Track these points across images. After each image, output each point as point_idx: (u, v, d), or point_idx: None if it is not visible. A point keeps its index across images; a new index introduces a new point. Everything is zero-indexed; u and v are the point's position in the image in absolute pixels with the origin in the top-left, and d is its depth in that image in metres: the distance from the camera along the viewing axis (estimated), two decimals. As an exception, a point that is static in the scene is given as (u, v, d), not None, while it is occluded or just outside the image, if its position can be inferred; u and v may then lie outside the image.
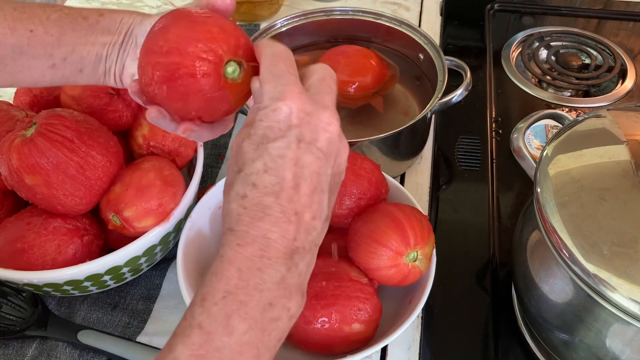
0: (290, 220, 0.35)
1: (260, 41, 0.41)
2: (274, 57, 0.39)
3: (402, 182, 0.75)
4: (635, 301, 0.41)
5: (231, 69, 0.40)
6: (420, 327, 0.61)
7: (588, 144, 0.51)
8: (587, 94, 0.88)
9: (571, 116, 0.61)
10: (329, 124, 0.37)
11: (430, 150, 0.79)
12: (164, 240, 0.60)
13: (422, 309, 0.55)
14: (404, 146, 0.73)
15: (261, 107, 0.37)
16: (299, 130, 0.36)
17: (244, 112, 0.68)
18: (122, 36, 0.46)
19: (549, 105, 0.85)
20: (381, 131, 0.66)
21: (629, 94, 0.86)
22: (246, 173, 0.35)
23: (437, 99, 0.68)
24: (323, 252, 0.60)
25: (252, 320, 0.33)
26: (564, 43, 0.95)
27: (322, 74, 0.40)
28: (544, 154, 0.51)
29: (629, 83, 0.88)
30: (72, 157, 0.54)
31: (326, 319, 0.52)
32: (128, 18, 0.47)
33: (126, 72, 0.47)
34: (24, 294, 0.62)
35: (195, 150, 0.65)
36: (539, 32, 0.97)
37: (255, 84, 0.38)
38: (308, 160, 0.36)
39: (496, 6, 1.03)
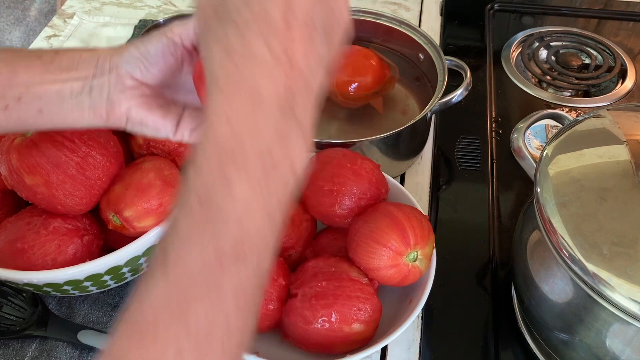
0: (281, 63, 0.31)
1: None
2: None
3: (402, 182, 0.75)
4: (635, 301, 0.41)
5: None
6: (420, 327, 0.61)
7: (588, 144, 0.51)
8: (587, 94, 0.88)
9: (571, 116, 0.61)
10: None
11: (430, 150, 0.79)
12: (164, 240, 0.60)
13: (422, 309, 0.55)
14: (404, 146, 0.73)
15: None
16: None
17: None
18: (92, 70, 0.43)
19: (549, 105, 0.85)
20: (381, 131, 0.66)
21: (629, 94, 0.86)
22: (228, 11, 0.32)
23: (437, 99, 0.68)
24: (323, 252, 0.61)
25: (253, 173, 0.30)
26: (564, 43, 0.95)
27: None
28: (544, 154, 0.51)
29: (629, 83, 0.88)
30: (72, 157, 0.54)
31: (326, 319, 0.52)
32: (91, 54, 0.44)
33: (117, 108, 0.44)
34: (24, 294, 0.62)
35: (195, 150, 0.65)
36: (539, 32, 0.97)
37: None
38: None
39: (496, 6, 1.03)
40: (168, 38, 0.43)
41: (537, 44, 0.95)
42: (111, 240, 0.61)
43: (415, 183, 0.75)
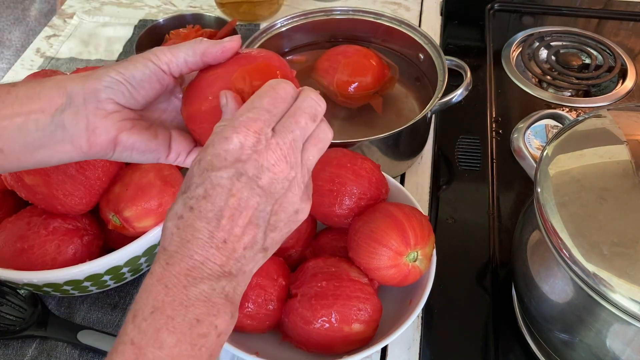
0: (217, 247, 0.36)
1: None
2: (269, 90, 0.39)
3: (402, 182, 0.75)
4: (635, 301, 0.41)
5: None
6: (420, 327, 0.61)
7: (588, 144, 0.51)
8: (587, 94, 0.88)
9: (571, 116, 0.61)
10: (274, 165, 0.37)
11: (430, 150, 0.79)
12: (164, 240, 0.60)
13: (422, 309, 0.55)
14: (404, 146, 0.73)
15: (218, 130, 0.37)
16: (242, 166, 0.36)
17: None
18: (61, 100, 0.40)
19: (549, 105, 0.85)
20: (381, 131, 0.66)
21: (629, 94, 0.86)
22: (188, 196, 0.37)
23: (437, 99, 0.68)
24: (323, 252, 0.61)
25: (181, 334, 0.34)
26: (564, 43, 0.95)
27: (296, 107, 0.39)
28: (544, 154, 0.51)
29: (629, 83, 0.88)
30: (72, 157, 0.54)
31: (326, 319, 0.52)
32: (56, 82, 0.41)
33: (104, 136, 0.41)
34: (23, 294, 0.62)
35: (195, 150, 0.65)
36: (539, 32, 0.97)
37: (222, 98, 0.40)
38: (246, 195, 0.36)
39: (496, 6, 1.03)
40: (155, 65, 0.42)
41: (537, 43, 0.95)
42: (111, 240, 0.61)
43: (415, 183, 0.75)
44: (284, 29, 0.80)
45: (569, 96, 0.87)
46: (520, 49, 0.95)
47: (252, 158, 0.36)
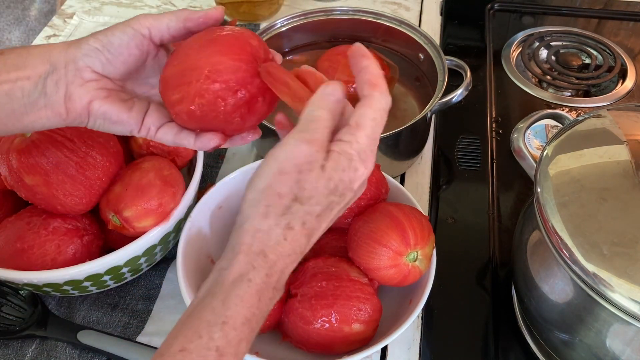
0: (296, 262, 0.38)
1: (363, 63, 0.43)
2: (381, 117, 0.41)
3: (402, 182, 0.75)
4: (635, 301, 0.41)
5: None
6: (420, 327, 0.61)
7: (588, 144, 0.51)
8: (587, 94, 0.88)
9: (571, 116, 0.61)
10: (360, 194, 0.41)
11: (430, 150, 0.79)
12: (164, 240, 0.60)
13: (422, 309, 0.55)
14: (404, 146, 0.73)
15: (348, 151, 0.38)
16: (353, 195, 0.39)
17: None
18: (44, 67, 0.41)
19: (549, 105, 0.85)
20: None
21: (629, 94, 0.86)
22: (306, 210, 0.37)
23: (437, 99, 0.68)
24: (323, 252, 0.61)
25: (250, 344, 0.36)
26: (564, 43, 0.95)
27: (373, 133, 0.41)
28: (544, 154, 0.51)
29: (629, 83, 0.88)
30: (72, 157, 0.54)
31: (326, 319, 0.52)
32: (42, 50, 0.42)
33: (78, 103, 0.42)
34: (23, 294, 0.62)
35: (195, 151, 0.65)
36: (539, 32, 0.97)
37: (338, 90, 0.41)
38: (336, 216, 0.39)
39: (496, 6, 1.03)
40: (135, 30, 0.42)
41: (537, 43, 0.95)
42: (111, 240, 0.61)
43: (415, 183, 0.75)
44: (284, 29, 0.80)
45: (569, 96, 0.87)
46: (520, 49, 0.95)
47: (359, 189, 0.40)
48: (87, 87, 0.42)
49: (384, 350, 0.60)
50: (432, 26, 0.99)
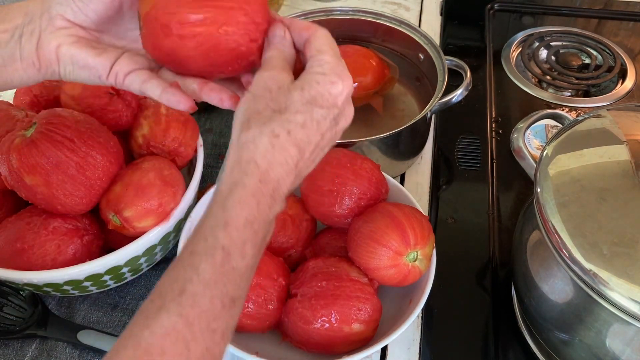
0: (296, 175, 0.40)
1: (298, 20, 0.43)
2: (331, 41, 0.42)
3: (402, 182, 0.75)
4: (635, 301, 0.41)
5: None
6: (420, 327, 0.61)
7: (588, 144, 0.51)
8: (587, 94, 0.88)
9: (571, 116, 0.61)
10: (349, 116, 0.42)
11: (430, 150, 0.79)
12: (164, 240, 0.60)
13: (422, 309, 0.55)
14: (404, 146, 0.73)
15: (320, 70, 0.40)
16: (338, 112, 0.40)
17: None
18: (21, 19, 0.43)
19: (549, 105, 0.85)
20: (381, 131, 0.66)
21: (629, 94, 0.86)
22: (287, 118, 0.38)
23: (437, 99, 0.68)
24: (323, 252, 0.61)
25: (257, 248, 0.38)
26: (564, 43, 0.95)
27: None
28: (544, 154, 0.51)
29: (629, 83, 0.88)
30: (72, 157, 0.54)
31: (326, 319, 0.52)
32: (20, 4, 0.44)
33: (47, 49, 0.42)
34: (24, 294, 0.62)
35: (195, 150, 0.65)
36: (539, 32, 0.97)
37: (279, 30, 0.42)
38: (328, 136, 0.41)
39: (496, 6, 1.03)
40: None
41: (537, 44, 0.95)
42: (111, 240, 0.61)
43: (415, 183, 0.75)
44: (284, 29, 0.80)
45: (569, 96, 0.87)
46: (520, 49, 0.95)
47: (345, 106, 0.41)
48: (57, 34, 0.42)
49: (384, 350, 0.60)
50: (432, 26, 0.99)
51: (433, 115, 0.78)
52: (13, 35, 0.43)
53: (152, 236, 0.56)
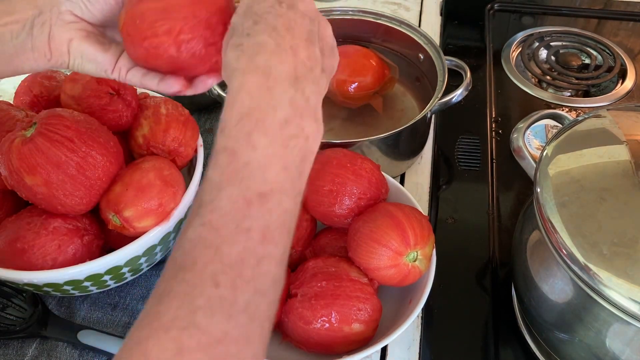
0: (286, 51, 0.37)
1: None
2: None
3: (402, 182, 0.75)
4: (635, 301, 0.41)
5: None
6: (420, 327, 0.61)
7: (588, 144, 0.51)
8: (587, 94, 0.88)
9: (571, 116, 0.61)
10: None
11: (430, 150, 0.79)
12: (164, 240, 0.60)
13: (422, 309, 0.55)
14: (404, 146, 0.73)
15: None
16: (302, 18, 0.38)
17: None
18: (32, 11, 0.45)
19: (549, 105, 0.85)
20: (381, 131, 0.66)
21: (629, 94, 0.86)
22: (240, 31, 0.38)
23: (437, 99, 0.68)
24: (323, 252, 0.61)
25: (272, 135, 0.35)
26: (564, 43, 0.95)
27: None
28: (544, 154, 0.51)
29: (628, 83, 0.88)
30: (72, 157, 0.54)
31: (326, 319, 0.52)
32: None
33: (58, 42, 0.45)
34: (24, 294, 0.62)
35: (195, 150, 0.65)
36: (539, 32, 0.97)
37: None
38: (292, 15, 0.38)
39: (496, 6, 1.03)
40: None
41: (537, 44, 0.95)
42: (111, 241, 0.61)
43: (415, 183, 0.75)
44: (284, 29, 0.80)
45: (569, 96, 0.87)
46: (520, 49, 0.95)
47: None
48: (68, 27, 0.45)
49: (384, 350, 0.60)
50: (432, 26, 0.99)
51: (433, 115, 0.78)
52: (24, 27, 0.45)
53: (152, 236, 0.56)
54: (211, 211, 0.33)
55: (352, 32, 0.83)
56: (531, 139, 0.79)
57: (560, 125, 0.57)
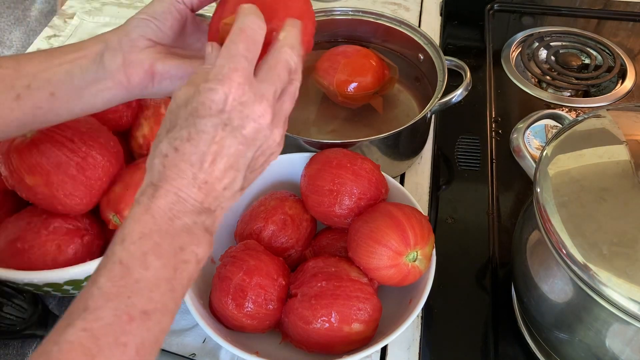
0: (199, 187, 0.39)
1: (243, 5, 0.42)
2: (239, 33, 0.40)
3: (402, 182, 0.75)
4: (635, 301, 0.41)
5: None
6: (420, 327, 0.61)
7: (588, 144, 0.51)
8: (586, 94, 0.88)
9: (571, 116, 0.61)
10: (260, 116, 0.39)
11: (430, 150, 0.79)
12: (164, 240, 0.60)
13: (422, 309, 0.55)
14: (403, 146, 0.73)
15: (204, 79, 0.39)
16: (227, 116, 0.38)
17: None
18: (100, 46, 0.45)
19: (548, 105, 0.85)
20: (381, 131, 0.66)
21: (628, 94, 0.86)
22: (173, 136, 0.39)
23: (437, 99, 0.68)
24: (323, 252, 0.61)
25: (166, 259, 0.37)
26: (563, 43, 0.95)
27: (276, 60, 0.41)
28: (544, 154, 0.51)
29: (628, 83, 0.88)
30: (72, 157, 0.54)
31: (326, 319, 0.52)
32: (96, 37, 0.47)
33: (140, 67, 0.45)
34: (24, 294, 0.62)
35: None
36: (539, 32, 0.97)
37: (208, 48, 0.42)
38: (228, 143, 0.39)
39: (496, 6, 1.03)
40: None
41: (537, 44, 0.95)
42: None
43: (415, 183, 0.75)
44: (284, 29, 0.80)
45: (569, 96, 0.87)
46: (520, 49, 0.95)
47: (236, 109, 0.39)
48: (146, 52, 0.45)
49: (383, 350, 0.60)
50: (432, 26, 0.99)
51: (433, 115, 0.78)
52: (94, 60, 0.45)
53: (152, 236, 0.56)
54: (95, 320, 0.34)
55: (352, 32, 0.83)
56: (531, 139, 0.79)
57: (560, 125, 0.57)
